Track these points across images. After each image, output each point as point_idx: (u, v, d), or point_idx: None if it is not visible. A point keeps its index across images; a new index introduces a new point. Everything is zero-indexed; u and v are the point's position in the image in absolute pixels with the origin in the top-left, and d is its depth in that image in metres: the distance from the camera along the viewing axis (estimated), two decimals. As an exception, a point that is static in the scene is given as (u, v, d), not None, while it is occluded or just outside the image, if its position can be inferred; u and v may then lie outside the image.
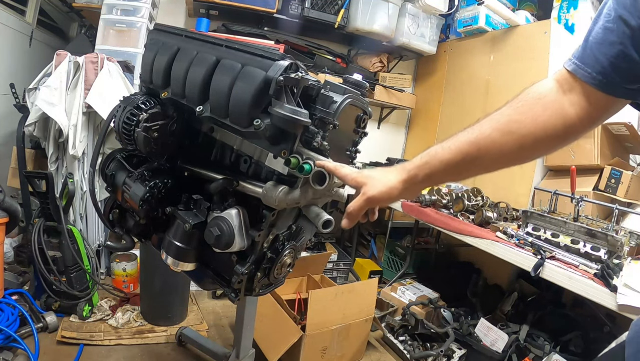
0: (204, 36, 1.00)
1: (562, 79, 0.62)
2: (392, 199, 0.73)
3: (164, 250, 0.97)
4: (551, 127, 0.61)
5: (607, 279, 1.30)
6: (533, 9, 2.88)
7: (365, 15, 2.72)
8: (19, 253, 2.22)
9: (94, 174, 1.15)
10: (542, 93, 0.63)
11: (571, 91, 0.61)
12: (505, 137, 0.63)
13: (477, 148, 0.65)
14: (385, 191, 0.71)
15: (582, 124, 0.61)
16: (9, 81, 2.21)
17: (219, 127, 0.98)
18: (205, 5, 2.60)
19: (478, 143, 0.65)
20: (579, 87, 0.60)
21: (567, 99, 0.61)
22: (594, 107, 0.60)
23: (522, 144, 0.62)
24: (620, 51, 0.54)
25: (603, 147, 2.03)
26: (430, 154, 0.70)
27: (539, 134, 0.61)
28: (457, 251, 2.99)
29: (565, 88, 0.61)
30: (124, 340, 1.79)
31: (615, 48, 0.55)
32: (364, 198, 0.72)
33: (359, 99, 0.92)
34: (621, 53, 0.54)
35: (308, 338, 1.67)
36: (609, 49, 0.56)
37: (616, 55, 0.55)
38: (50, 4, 2.95)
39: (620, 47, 0.54)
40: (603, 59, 0.56)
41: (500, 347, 1.81)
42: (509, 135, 0.63)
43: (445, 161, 0.67)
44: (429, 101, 3.26)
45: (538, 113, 0.61)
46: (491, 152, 0.64)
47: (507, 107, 0.64)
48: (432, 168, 0.69)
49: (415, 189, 0.74)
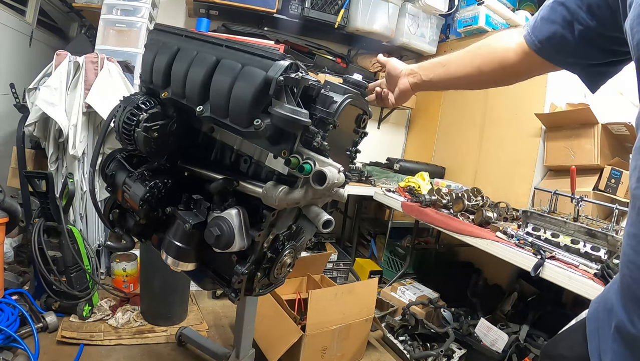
0: (204, 36, 0.99)
1: (520, 37, 0.83)
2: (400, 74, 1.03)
3: (164, 250, 0.97)
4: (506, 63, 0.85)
5: (607, 279, 1.30)
6: (533, 9, 2.88)
7: (365, 15, 2.72)
8: (19, 253, 2.22)
9: (94, 174, 1.15)
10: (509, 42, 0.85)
11: (520, 47, 0.82)
12: (467, 54, 0.91)
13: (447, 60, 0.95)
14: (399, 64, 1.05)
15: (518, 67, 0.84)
16: (9, 81, 2.21)
17: (219, 127, 0.98)
18: (205, 5, 2.60)
19: (450, 58, 0.94)
20: (527, 46, 0.81)
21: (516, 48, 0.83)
22: (528, 59, 0.81)
23: (480, 66, 0.88)
24: (556, 29, 0.72)
25: (603, 147, 2.03)
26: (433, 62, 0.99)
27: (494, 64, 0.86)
28: (457, 251, 2.99)
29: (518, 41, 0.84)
30: (124, 340, 1.79)
31: (554, 26, 0.73)
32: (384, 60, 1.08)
33: (359, 99, 0.92)
34: (557, 30, 0.72)
35: (308, 338, 1.67)
36: (550, 26, 0.74)
37: (553, 32, 0.73)
38: (50, 4, 2.95)
39: (556, 26, 0.72)
40: (544, 31, 0.76)
41: (500, 347, 1.81)
42: (473, 56, 0.90)
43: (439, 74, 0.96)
44: (429, 101, 3.26)
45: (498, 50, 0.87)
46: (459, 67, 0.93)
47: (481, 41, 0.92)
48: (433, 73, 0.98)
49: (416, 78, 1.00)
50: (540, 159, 2.30)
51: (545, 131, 2.27)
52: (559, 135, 2.19)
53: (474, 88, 0.99)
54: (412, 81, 1.00)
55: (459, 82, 0.95)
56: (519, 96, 2.42)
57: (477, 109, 2.75)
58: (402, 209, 2.32)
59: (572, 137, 2.13)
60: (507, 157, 2.49)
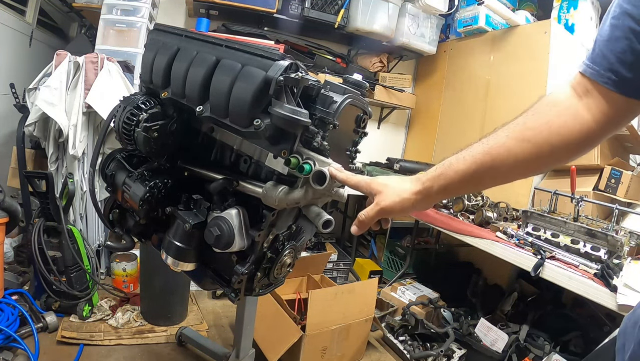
0: (204, 36, 0.99)
1: (575, 83, 0.61)
2: (406, 210, 0.71)
3: (164, 250, 0.97)
4: (567, 133, 0.59)
5: (607, 279, 1.30)
6: (533, 9, 2.88)
7: (365, 15, 2.71)
8: (19, 253, 2.22)
9: (94, 174, 1.15)
10: (557, 100, 0.61)
11: (586, 95, 0.59)
12: (520, 145, 0.61)
13: (492, 158, 0.63)
14: (399, 202, 0.70)
15: (600, 129, 0.59)
16: (9, 81, 2.21)
17: (219, 127, 0.98)
18: (205, 5, 2.60)
19: (492, 152, 0.63)
20: (593, 89, 0.58)
21: (582, 103, 0.59)
22: (610, 109, 0.57)
23: (539, 152, 0.60)
24: (627, 45, 0.53)
25: (603, 147, 2.03)
26: (445, 165, 0.68)
27: (555, 141, 0.59)
28: (457, 251, 2.99)
29: (580, 92, 0.60)
30: (124, 340, 1.79)
31: (621, 43, 0.54)
32: (377, 208, 0.71)
33: (359, 99, 0.92)
34: (627, 47, 0.53)
35: (308, 338, 1.67)
36: (615, 45, 0.54)
37: (622, 50, 0.54)
38: (50, 4, 2.95)
39: (626, 41, 0.53)
40: (610, 55, 0.55)
41: (500, 347, 1.81)
42: (524, 143, 0.61)
43: (460, 172, 0.66)
44: (429, 101, 3.26)
45: (553, 120, 0.59)
46: (507, 162, 0.62)
47: (522, 116, 0.63)
48: (447, 179, 0.67)
49: (430, 201, 0.72)
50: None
51: (545, 131, 2.27)
52: (559, 135, 2.19)
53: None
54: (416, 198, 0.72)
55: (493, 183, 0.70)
56: (519, 95, 2.42)
57: (477, 109, 2.74)
58: (402, 209, 2.32)
59: (572, 137, 2.13)
60: (507, 157, 2.49)
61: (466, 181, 0.66)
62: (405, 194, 0.70)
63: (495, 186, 0.70)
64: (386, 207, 0.70)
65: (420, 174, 0.71)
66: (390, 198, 0.70)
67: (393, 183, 0.72)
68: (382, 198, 0.71)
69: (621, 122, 0.60)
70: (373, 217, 0.72)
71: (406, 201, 0.70)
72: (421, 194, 0.70)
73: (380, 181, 0.73)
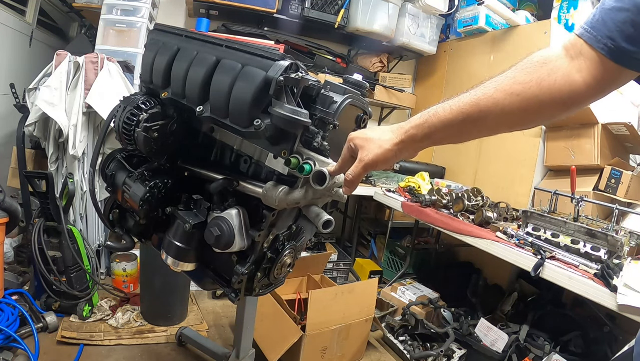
0: (204, 36, 1.00)
1: (570, 45, 0.61)
2: (390, 161, 0.72)
3: (164, 250, 0.98)
4: (556, 91, 0.59)
5: (607, 279, 1.30)
6: (533, 9, 2.88)
7: (365, 15, 2.72)
8: (19, 253, 2.22)
9: (94, 174, 1.15)
10: (548, 58, 0.61)
11: (578, 57, 0.59)
12: (508, 98, 0.61)
13: (479, 109, 0.63)
14: (381, 154, 0.71)
15: (588, 91, 0.59)
16: (9, 81, 2.21)
17: (219, 127, 0.98)
18: (205, 5, 2.60)
19: (480, 103, 0.63)
20: (587, 52, 0.59)
21: (573, 64, 0.59)
22: (601, 74, 0.58)
23: (526, 107, 0.61)
24: (628, 17, 0.54)
25: (603, 147, 2.03)
26: (430, 112, 0.68)
27: (544, 97, 0.60)
28: (457, 251, 2.99)
29: (573, 53, 0.60)
30: (124, 340, 1.79)
31: (623, 14, 0.54)
32: (361, 165, 0.71)
33: (359, 99, 0.92)
34: (629, 19, 0.54)
35: (308, 338, 1.67)
36: (617, 14, 0.55)
37: (623, 21, 0.54)
38: (50, 4, 2.95)
39: (628, 13, 0.54)
40: (611, 24, 0.56)
41: (500, 347, 1.81)
42: (512, 96, 0.61)
43: (445, 121, 0.66)
44: (429, 101, 3.25)
45: (543, 77, 0.60)
46: (493, 113, 0.63)
47: (511, 70, 0.63)
48: (431, 127, 0.67)
49: (413, 149, 0.73)
50: (540, 159, 2.29)
51: (545, 130, 2.27)
52: (559, 135, 2.19)
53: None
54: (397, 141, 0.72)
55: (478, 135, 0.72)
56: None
57: (477, 109, 2.74)
58: (402, 209, 2.32)
59: (572, 137, 2.13)
60: (507, 157, 2.49)
61: (451, 130, 0.67)
62: (387, 145, 0.71)
63: (479, 137, 0.72)
64: (370, 161, 0.71)
65: (404, 123, 0.72)
66: (372, 151, 0.71)
67: (374, 135, 0.72)
68: (365, 153, 0.71)
69: (610, 87, 0.60)
70: (359, 173, 0.72)
71: (388, 152, 0.71)
72: (404, 143, 0.71)
73: (361, 136, 0.73)
